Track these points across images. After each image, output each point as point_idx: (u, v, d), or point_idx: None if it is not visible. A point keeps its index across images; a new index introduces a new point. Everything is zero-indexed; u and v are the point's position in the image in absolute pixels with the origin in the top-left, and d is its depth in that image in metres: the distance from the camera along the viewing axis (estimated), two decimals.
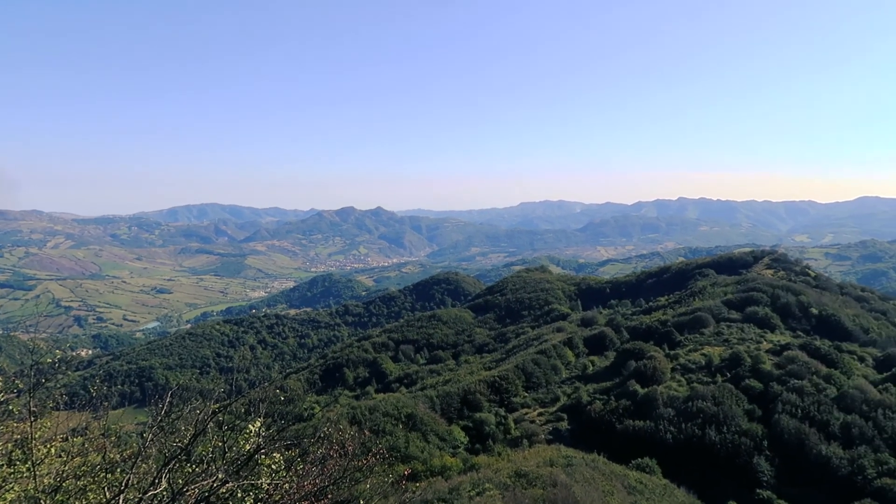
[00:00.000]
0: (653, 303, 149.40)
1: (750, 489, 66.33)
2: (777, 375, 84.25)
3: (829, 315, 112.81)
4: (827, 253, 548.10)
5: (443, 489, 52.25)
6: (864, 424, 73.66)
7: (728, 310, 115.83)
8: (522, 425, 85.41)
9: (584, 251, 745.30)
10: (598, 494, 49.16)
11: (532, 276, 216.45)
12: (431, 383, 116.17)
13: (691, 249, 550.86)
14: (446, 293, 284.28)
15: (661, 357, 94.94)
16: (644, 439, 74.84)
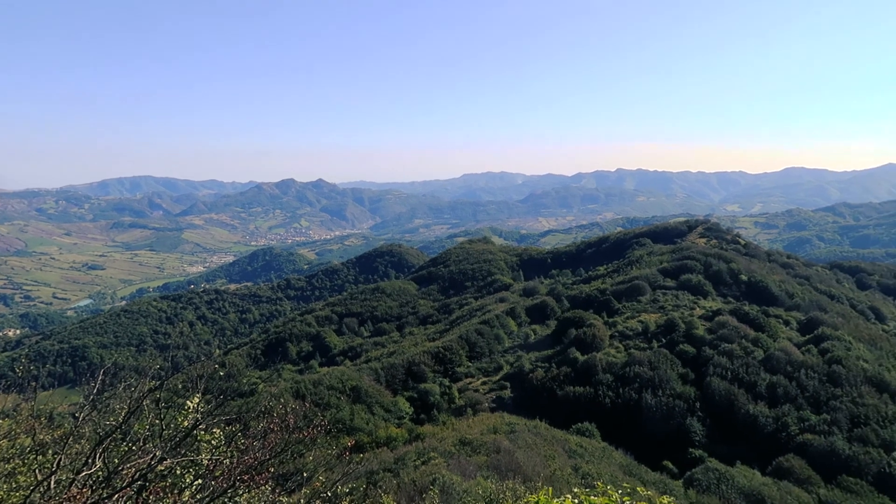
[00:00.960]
0: (592, 272, 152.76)
1: (683, 448, 69.37)
2: (709, 340, 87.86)
3: (757, 281, 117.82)
4: (756, 222, 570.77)
5: (388, 459, 52.72)
6: (788, 384, 77.78)
7: (664, 278, 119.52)
8: (466, 394, 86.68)
9: (526, 222, 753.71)
10: (540, 459, 50.48)
11: (475, 247, 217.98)
12: (376, 355, 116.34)
13: (629, 219, 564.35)
14: (390, 265, 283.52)
15: (600, 325, 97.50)
16: (584, 404, 77.12)
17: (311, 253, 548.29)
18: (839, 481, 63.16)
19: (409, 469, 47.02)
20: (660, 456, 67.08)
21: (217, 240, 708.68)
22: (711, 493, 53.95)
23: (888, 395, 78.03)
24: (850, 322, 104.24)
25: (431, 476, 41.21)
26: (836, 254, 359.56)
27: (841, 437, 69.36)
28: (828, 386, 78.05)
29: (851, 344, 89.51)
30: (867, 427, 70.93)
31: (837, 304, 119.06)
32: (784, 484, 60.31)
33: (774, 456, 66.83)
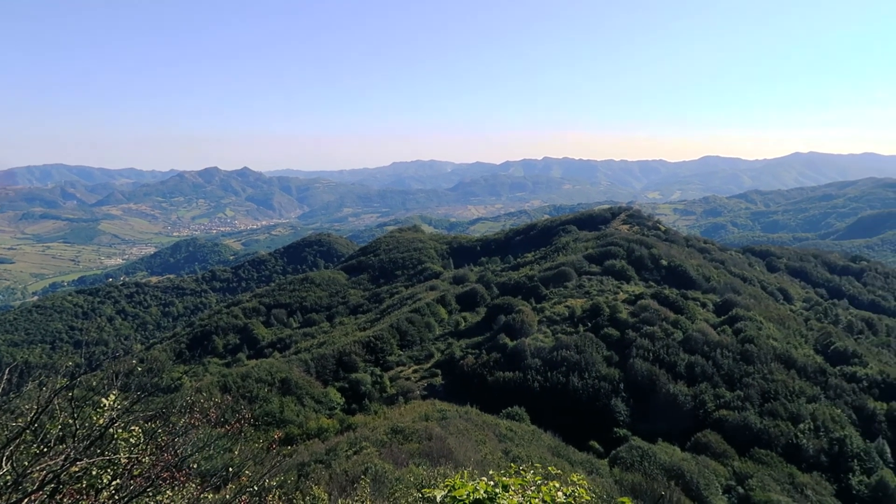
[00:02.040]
0: (521, 259, 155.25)
1: (608, 428, 71.78)
2: (632, 323, 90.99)
3: (676, 266, 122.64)
4: (675, 208, 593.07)
5: (320, 451, 52.27)
6: (705, 363, 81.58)
7: (589, 264, 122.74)
8: (398, 383, 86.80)
9: (456, 210, 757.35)
10: (472, 444, 51.17)
11: (405, 235, 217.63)
12: (306, 346, 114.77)
13: (556, 207, 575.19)
14: (319, 255, 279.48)
15: (528, 310, 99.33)
16: (514, 389, 78.59)
17: (237, 243, 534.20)
18: (752, 453, 66.87)
19: (340, 459, 46.77)
20: (587, 436, 69.20)
21: (137, 231, 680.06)
22: (635, 470, 56.04)
23: (795, 370, 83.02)
24: (761, 303, 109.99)
25: (364, 465, 41.13)
26: (748, 238, 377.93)
27: (753, 411, 73.37)
28: (741, 364, 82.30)
29: (762, 324, 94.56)
30: (777, 402, 75.29)
31: (750, 286, 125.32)
32: (702, 458, 63.36)
33: (693, 432, 70.11)
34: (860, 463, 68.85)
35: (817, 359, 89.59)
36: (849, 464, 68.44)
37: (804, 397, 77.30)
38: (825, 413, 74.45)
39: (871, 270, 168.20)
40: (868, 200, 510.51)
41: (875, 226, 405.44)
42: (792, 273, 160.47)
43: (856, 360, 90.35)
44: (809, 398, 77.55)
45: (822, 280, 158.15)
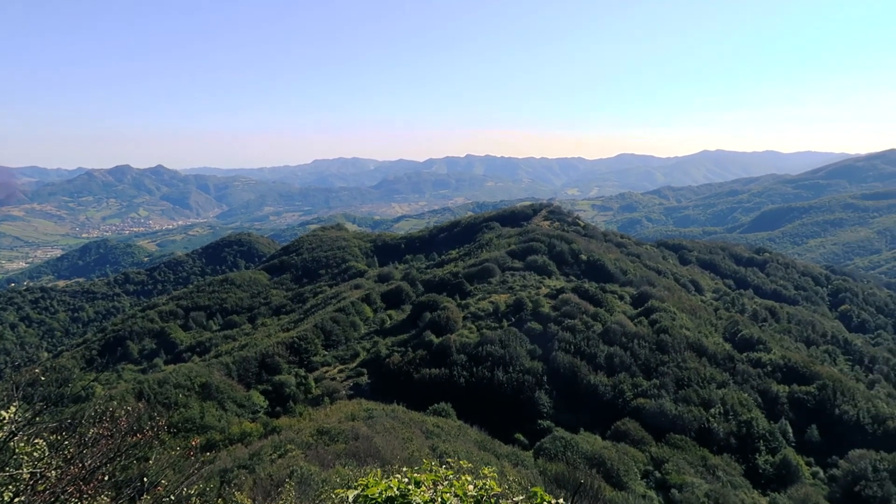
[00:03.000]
0: (445, 256, 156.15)
1: (533, 420, 73.31)
2: (554, 317, 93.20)
3: (595, 260, 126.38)
4: (593, 204, 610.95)
5: (243, 456, 51.01)
6: (623, 354, 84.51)
7: (512, 259, 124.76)
8: (323, 383, 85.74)
9: (380, 208, 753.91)
10: (399, 442, 51.16)
11: (328, 234, 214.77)
12: (227, 349, 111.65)
13: (479, 204, 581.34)
14: (239, 255, 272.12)
15: (453, 307, 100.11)
16: (440, 385, 79.07)
17: (152, 244, 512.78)
18: (668, 439, 69.86)
19: (265, 463, 45.81)
20: (512, 429, 70.46)
21: (41, 232, 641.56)
22: (558, 460, 57.46)
23: (706, 358, 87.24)
24: (674, 294, 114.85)
25: (289, 468, 40.43)
26: (662, 233, 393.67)
27: (669, 398, 76.61)
28: (657, 353, 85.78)
29: (676, 314, 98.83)
30: (690, 388, 78.92)
31: (664, 278, 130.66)
32: (621, 445, 65.67)
33: (613, 420, 72.58)
34: (766, 443, 73.11)
35: (726, 346, 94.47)
36: (755, 444, 72.55)
37: (715, 383, 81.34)
38: (734, 397, 78.60)
39: (774, 262, 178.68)
40: (769, 196, 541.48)
41: (776, 219, 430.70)
42: (702, 265, 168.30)
43: (760, 346, 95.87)
44: (719, 384, 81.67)
45: (730, 271, 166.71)
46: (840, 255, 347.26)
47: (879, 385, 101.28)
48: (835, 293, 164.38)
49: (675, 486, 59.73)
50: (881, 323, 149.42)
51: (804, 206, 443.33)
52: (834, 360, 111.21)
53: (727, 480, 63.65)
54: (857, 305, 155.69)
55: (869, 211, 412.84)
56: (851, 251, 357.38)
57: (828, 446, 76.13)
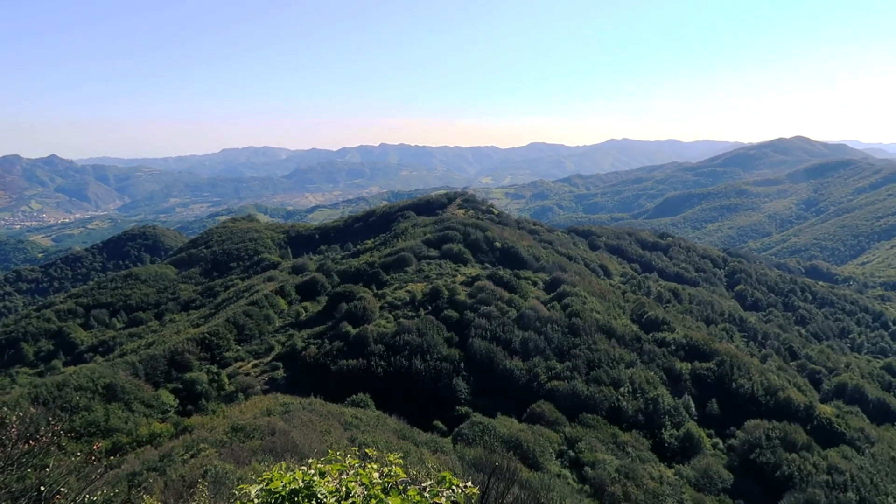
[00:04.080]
0: (361, 246, 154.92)
1: (451, 407, 74.21)
2: (470, 304, 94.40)
3: (509, 247, 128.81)
4: (507, 192, 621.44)
5: (153, 458, 49.10)
6: (537, 339, 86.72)
7: (428, 248, 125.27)
8: (237, 379, 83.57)
9: (293, 198, 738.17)
10: (317, 435, 50.60)
11: (239, 225, 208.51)
12: (132, 348, 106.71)
13: (394, 193, 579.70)
14: (144, 249, 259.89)
15: (370, 297, 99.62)
16: (358, 376, 78.65)
17: (47, 239, 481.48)
18: (581, 419, 72.46)
19: (176, 465, 44.26)
20: (432, 416, 71.06)
21: None
22: (477, 445, 58.50)
23: (615, 339, 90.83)
24: (585, 279, 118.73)
25: (202, 468, 39.24)
26: (572, 220, 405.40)
27: (581, 380, 79.36)
28: (569, 337, 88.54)
29: (587, 298, 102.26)
30: (600, 369, 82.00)
31: (575, 264, 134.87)
32: (537, 427, 67.55)
33: (529, 403, 74.52)
34: (671, 418, 77.10)
35: (633, 327, 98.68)
36: (661, 420, 76.37)
37: (623, 363, 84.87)
38: (641, 376, 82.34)
39: (676, 246, 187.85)
40: (672, 183, 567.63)
41: (678, 205, 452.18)
42: (610, 250, 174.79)
43: (665, 326, 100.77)
44: (628, 364, 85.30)
45: (636, 256, 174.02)
46: (735, 239, 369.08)
47: (771, 359, 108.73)
48: (731, 274, 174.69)
49: (588, 464, 62.10)
50: (772, 301, 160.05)
51: (703, 192, 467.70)
52: (731, 337, 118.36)
53: (636, 455, 66.74)
54: (750, 285, 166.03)
55: (760, 196, 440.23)
56: (745, 234, 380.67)
57: (726, 418, 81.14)
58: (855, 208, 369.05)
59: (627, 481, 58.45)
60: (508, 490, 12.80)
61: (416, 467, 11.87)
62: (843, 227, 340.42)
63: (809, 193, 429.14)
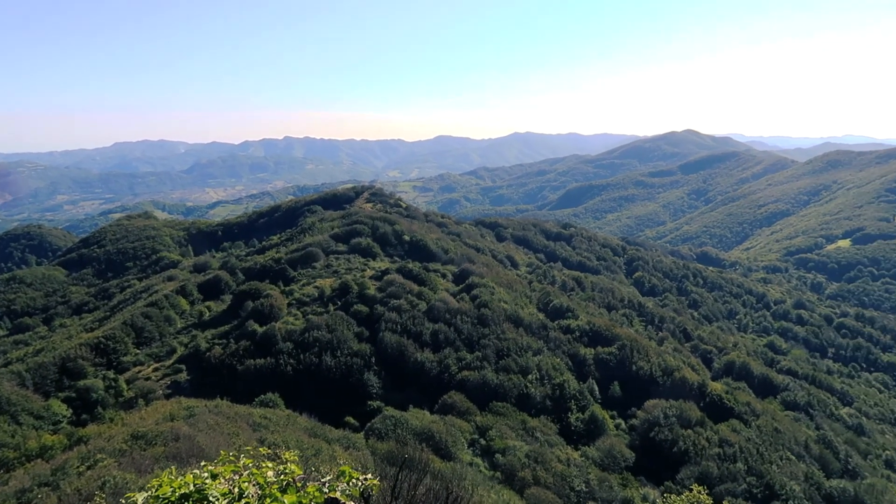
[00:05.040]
0: (266, 242, 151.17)
1: (363, 402, 73.92)
2: (380, 298, 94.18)
3: (418, 240, 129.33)
4: (414, 186, 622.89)
5: (44, 472, 46.19)
6: (447, 330, 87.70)
7: (336, 243, 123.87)
8: (137, 384, 79.74)
9: (193, 194, 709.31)
10: (224, 438, 49.14)
11: (135, 223, 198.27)
12: (18, 356, 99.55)
13: (300, 187, 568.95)
14: (28, 250, 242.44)
15: (277, 294, 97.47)
16: (267, 375, 76.90)
17: None
18: (491, 407, 73.99)
19: (71, 478, 41.85)
20: (343, 413, 70.52)
21: None
22: (389, 439, 58.61)
23: (523, 328, 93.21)
24: (493, 270, 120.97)
25: (100, 480, 37.34)
26: (479, 212, 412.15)
27: (490, 369, 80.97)
28: (479, 327, 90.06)
29: (495, 289, 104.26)
30: (509, 358, 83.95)
31: (483, 255, 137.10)
32: (449, 418, 68.42)
33: (440, 394, 75.33)
34: (576, 402, 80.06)
35: (540, 316, 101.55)
36: (568, 404, 79.20)
37: (531, 351, 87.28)
38: (548, 363, 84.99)
39: (578, 236, 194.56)
40: (573, 175, 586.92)
41: (580, 196, 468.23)
42: (517, 241, 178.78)
43: (569, 314, 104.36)
44: (535, 351, 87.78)
45: (541, 246, 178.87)
46: (633, 228, 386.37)
47: (667, 342, 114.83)
48: (630, 262, 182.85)
49: (498, 451, 63.55)
50: (667, 286, 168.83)
51: (603, 183, 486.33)
52: (631, 322, 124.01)
53: (544, 440, 68.92)
54: (648, 272, 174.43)
55: (655, 187, 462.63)
56: (642, 223, 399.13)
57: (628, 399, 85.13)
58: (739, 197, 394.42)
59: (537, 466, 60.30)
60: (420, 481, 12.98)
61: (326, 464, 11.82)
62: (729, 216, 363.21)
63: (699, 184, 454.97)
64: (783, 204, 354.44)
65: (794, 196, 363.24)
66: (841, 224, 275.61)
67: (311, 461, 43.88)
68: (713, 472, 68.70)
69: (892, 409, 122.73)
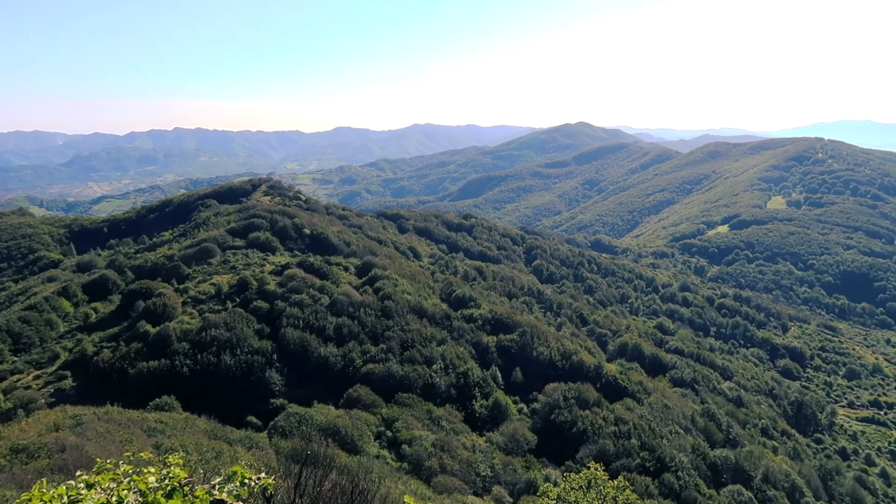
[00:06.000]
0: (158, 238, 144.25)
1: (266, 400, 72.20)
2: (281, 293, 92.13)
3: (319, 234, 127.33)
4: (314, 178, 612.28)
5: None
6: (351, 324, 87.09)
7: (233, 238, 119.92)
8: (15, 394, 74.08)
9: (74, 188, 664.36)
10: (116, 447, 46.62)
11: (8, 220, 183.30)
12: None
13: (192, 181, 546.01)
14: None
15: (171, 293, 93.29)
16: (161, 378, 73.53)
17: None
18: (397, 398, 74.26)
19: None
20: (245, 412, 68.61)
21: None
22: (293, 436, 57.62)
23: (427, 319, 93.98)
24: (395, 262, 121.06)
25: None
26: (381, 204, 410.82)
27: (395, 361, 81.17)
28: (382, 319, 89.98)
29: (398, 281, 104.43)
30: (414, 349, 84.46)
31: (385, 247, 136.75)
32: (354, 412, 68.12)
33: (346, 389, 74.81)
34: (480, 389, 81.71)
35: (443, 306, 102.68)
36: (472, 392, 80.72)
37: (435, 341, 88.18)
38: (452, 352, 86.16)
39: (479, 226, 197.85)
40: (473, 166, 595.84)
41: (479, 187, 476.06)
42: (419, 233, 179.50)
43: (472, 303, 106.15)
44: (439, 341, 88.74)
45: (443, 237, 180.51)
46: (531, 217, 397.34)
47: (565, 327, 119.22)
48: (529, 251, 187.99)
49: (405, 442, 63.93)
50: (564, 273, 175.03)
51: (502, 175, 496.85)
52: (530, 309, 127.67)
53: (450, 428, 69.94)
54: (546, 260, 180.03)
55: (552, 178, 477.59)
56: (540, 213, 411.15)
57: (529, 384, 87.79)
58: (629, 187, 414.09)
59: (443, 454, 61.15)
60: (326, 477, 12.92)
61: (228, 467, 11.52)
62: (620, 205, 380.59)
63: (592, 174, 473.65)
64: (669, 193, 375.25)
65: (678, 185, 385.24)
66: (720, 211, 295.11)
67: (212, 464, 42.51)
68: (610, 449, 72.13)
69: (766, 381, 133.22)
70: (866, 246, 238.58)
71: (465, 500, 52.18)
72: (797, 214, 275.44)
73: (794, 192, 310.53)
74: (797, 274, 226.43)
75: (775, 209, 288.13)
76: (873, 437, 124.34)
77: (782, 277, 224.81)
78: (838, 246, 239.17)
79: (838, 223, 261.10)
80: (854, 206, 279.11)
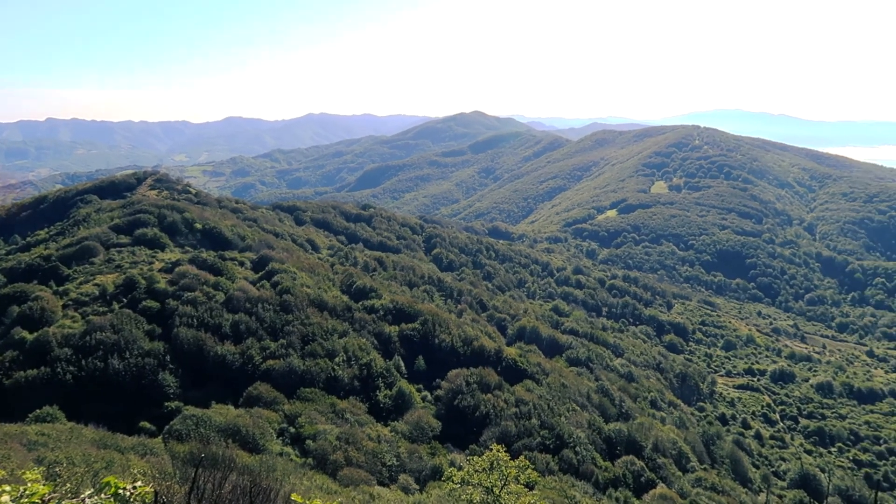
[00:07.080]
0: (32, 237, 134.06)
1: (159, 404, 69.09)
2: (172, 292, 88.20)
3: (211, 228, 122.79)
4: (204, 170, 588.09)
5: None
6: (249, 320, 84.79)
7: (117, 235, 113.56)
8: None
9: None
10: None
11: None
12: None
13: (70, 175, 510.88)
14: None
15: (49, 296, 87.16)
16: (41, 387, 68.64)
17: None
18: (299, 394, 73.18)
19: None
20: (137, 418, 65.45)
21: None
22: (191, 439, 55.52)
23: (327, 312, 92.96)
24: (293, 255, 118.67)
25: None
26: (276, 196, 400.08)
27: (296, 356, 79.85)
28: (282, 314, 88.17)
29: (296, 274, 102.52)
30: (315, 343, 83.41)
31: (282, 240, 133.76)
32: (255, 410, 66.50)
33: (245, 387, 72.82)
34: (383, 380, 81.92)
35: (344, 298, 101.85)
36: (375, 383, 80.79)
37: (336, 334, 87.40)
38: (354, 344, 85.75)
39: (378, 216, 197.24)
40: (370, 156, 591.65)
41: (377, 177, 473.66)
42: (317, 224, 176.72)
43: (373, 294, 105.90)
44: (341, 334, 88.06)
45: (342, 228, 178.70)
46: (430, 206, 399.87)
47: (466, 313, 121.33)
48: (428, 239, 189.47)
49: (309, 437, 63.21)
50: (464, 261, 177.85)
51: (399, 164, 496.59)
52: (431, 297, 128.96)
53: (355, 420, 69.79)
54: (445, 248, 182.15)
55: (448, 167, 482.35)
56: (438, 202, 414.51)
57: (432, 372, 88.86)
58: (524, 174, 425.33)
59: (348, 446, 60.92)
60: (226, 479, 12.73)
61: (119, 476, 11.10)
62: (515, 192, 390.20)
63: (488, 162, 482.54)
64: (561, 180, 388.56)
65: (569, 172, 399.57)
66: (608, 196, 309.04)
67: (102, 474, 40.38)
68: (512, 430, 74.39)
69: (654, 356, 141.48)
70: (739, 226, 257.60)
71: (372, 490, 52.31)
72: (678, 198, 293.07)
73: (674, 177, 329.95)
74: (679, 254, 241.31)
75: (658, 193, 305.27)
76: (748, 402, 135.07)
77: (666, 258, 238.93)
78: (715, 227, 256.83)
79: (714, 205, 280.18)
80: (728, 189, 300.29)
